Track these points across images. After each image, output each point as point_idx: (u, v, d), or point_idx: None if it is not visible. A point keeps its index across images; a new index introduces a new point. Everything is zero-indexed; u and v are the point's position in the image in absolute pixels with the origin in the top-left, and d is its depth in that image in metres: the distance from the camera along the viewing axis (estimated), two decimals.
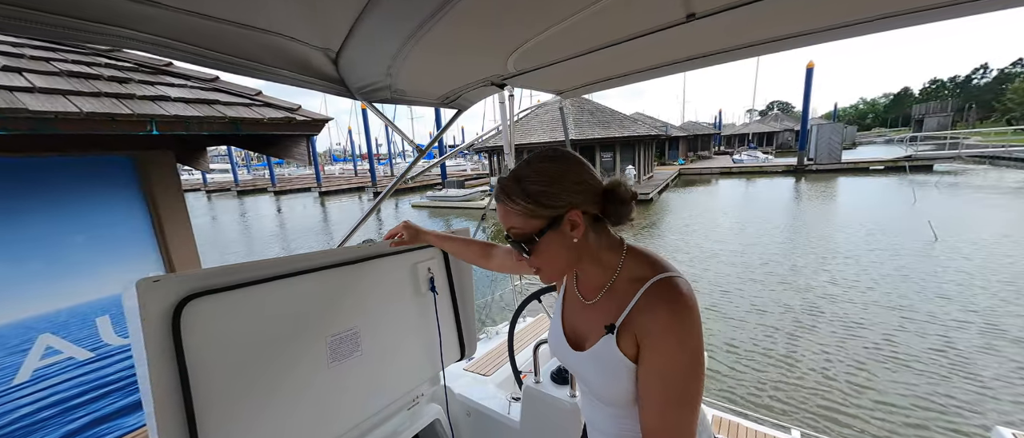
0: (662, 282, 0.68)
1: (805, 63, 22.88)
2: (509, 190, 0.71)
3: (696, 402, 0.64)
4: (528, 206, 0.69)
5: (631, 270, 0.73)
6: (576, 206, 0.70)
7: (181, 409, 0.70)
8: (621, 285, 0.73)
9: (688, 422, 0.64)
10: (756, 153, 30.56)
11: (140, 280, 0.63)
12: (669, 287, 0.67)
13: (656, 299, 0.67)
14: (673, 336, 0.64)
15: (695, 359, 0.64)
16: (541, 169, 0.71)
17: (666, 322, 0.64)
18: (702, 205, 15.11)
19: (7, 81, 1.40)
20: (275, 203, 24.33)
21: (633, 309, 0.69)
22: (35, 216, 1.74)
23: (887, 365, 4.22)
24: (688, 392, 0.64)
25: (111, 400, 1.98)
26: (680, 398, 0.64)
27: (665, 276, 0.68)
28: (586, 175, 0.72)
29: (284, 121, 2.09)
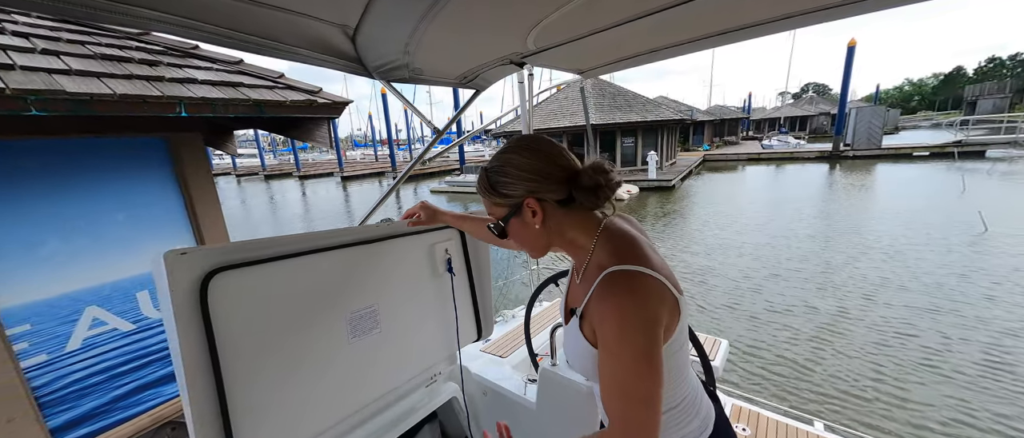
0: (614, 275, 0.68)
1: (846, 41, 21.36)
2: (480, 181, 0.79)
3: (648, 398, 0.62)
4: (491, 196, 0.77)
5: (598, 256, 0.74)
6: (534, 194, 0.73)
7: (211, 379, 0.73)
8: (591, 270, 0.75)
9: (638, 417, 0.62)
10: (788, 138, 29.04)
11: (168, 252, 0.66)
12: (618, 281, 0.67)
13: (605, 291, 0.67)
14: (615, 331, 0.64)
15: (638, 357, 0.62)
16: (506, 160, 0.75)
17: (610, 316, 0.65)
18: (725, 193, 14.57)
19: (46, 63, 1.47)
20: (300, 187, 25.11)
21: (591, 297, 0.71)
22: (80, 195, 1.84)
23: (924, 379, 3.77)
24: (635, 388, 0.63)
25: (153, 369, 2.12)
26: (626, 392, 0.63)
27: (618, 269, 0.68)
28: (549, 163, 0.73)
29: (306, 103, 2.12)
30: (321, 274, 0.95)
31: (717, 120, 35.24)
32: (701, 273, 6.87)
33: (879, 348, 4.33)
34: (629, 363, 0.63)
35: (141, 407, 2.08)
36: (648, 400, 0.62)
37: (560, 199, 0.73)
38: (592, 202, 0.72)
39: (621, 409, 0.63)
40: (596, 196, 0.71)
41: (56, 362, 1.82)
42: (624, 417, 0.63)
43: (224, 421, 0.75)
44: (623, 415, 0.63)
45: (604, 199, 0.73)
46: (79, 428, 1.89)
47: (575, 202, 0.73)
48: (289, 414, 0.86)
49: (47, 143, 1.73)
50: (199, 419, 0.71)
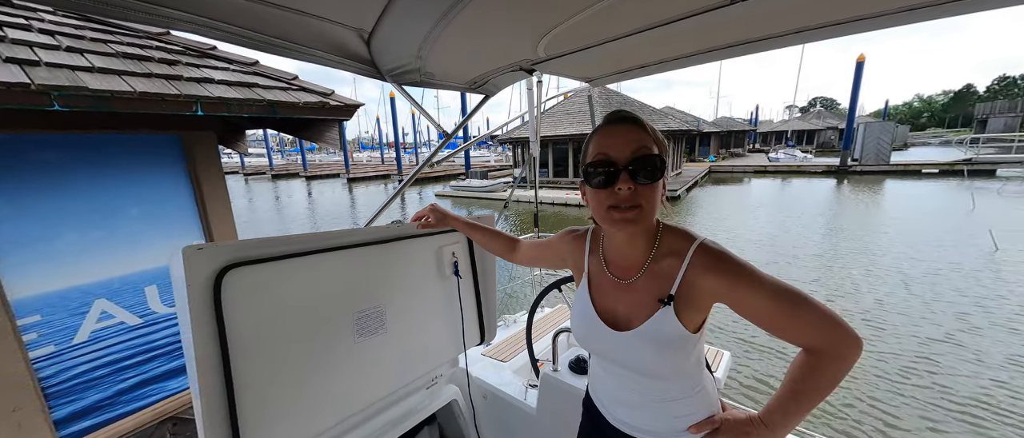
0: (702, 248, 0.74)
1: (855, 56, 21.33)
2: (641, 119, 0.76)
3: (797, 290, 0.69)
4: (656, 136, 0.75)
5: (668, 245, 0.78)
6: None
7: (220, 371, 0.74)
8: (663, 261, 0.77)
9: (811, 305, 0.67)
10: (795, 151, 28.88)
11: (186, 247, 0.67)
12: (710, 251, 0.74)
13: (715, 256, 0.73)
14: (752, 275, 0.70)
15: (768, 277, 0.70)
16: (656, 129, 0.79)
17: (738, 269, 0.71)
18: (729, 206, 14.50)
19: (70, 61, 1.51)
20: (306, 187, 25.32)
21: (685, 279, 0.74)
22: (96, 190, 1.88)
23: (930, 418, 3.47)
24: (788, 292, 0.68)
25: (157, 364, 2.14)
26: (792, 298, 0.68)
27: (702, 241, 0.75)
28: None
29: (318, 105, 2.15)
30: (331, 273, 0.96)
31: (724, 132, 35.21)
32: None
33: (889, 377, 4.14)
34: (772, 280, 0.69)
35: (144, 402, 2.09)
36: (803, 293, 0.68)
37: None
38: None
39: (803, 310, 0.67)
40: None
41: (63, 354, 1.84)
42: (811, 311, 0.67)
43: (231, 414, 0.76)
44: (815, 311, 0.67)
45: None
46: (82, 420, 1.91)
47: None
48: (295, 410, 0.86)
49: (65, 138, 1.78)
50: (208, 411, 0.72)
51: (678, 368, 0.79)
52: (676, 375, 0.80)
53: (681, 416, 0.82)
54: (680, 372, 0.80)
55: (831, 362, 0.68)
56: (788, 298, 0.68)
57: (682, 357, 0.77)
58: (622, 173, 0.71)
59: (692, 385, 0.82)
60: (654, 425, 0.84)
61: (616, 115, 0.77)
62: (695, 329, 0.76)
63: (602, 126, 0.77)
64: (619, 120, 0.76)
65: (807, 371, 0.70)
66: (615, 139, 0.74)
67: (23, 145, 1.68)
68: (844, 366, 0.68)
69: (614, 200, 0.73)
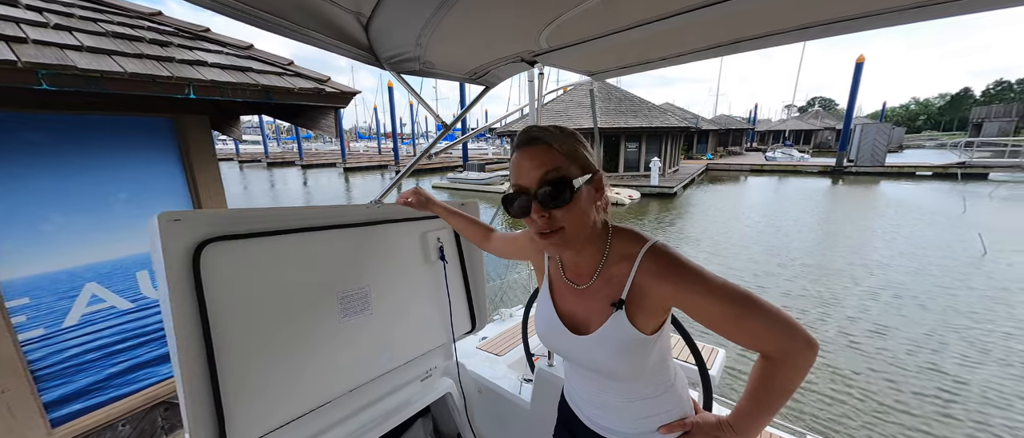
0: (650, 252, 0.73)
1: (855, 57, 21.35)
2: (551, 133, 0.70)
3: (749, 294, 0.66)
4: (579, 149, 0.71)
5: (619, 249, 0.77)
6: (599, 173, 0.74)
7: (202, 351, 0.73)
8: (614, 266, 0.76)
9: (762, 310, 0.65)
10: (792, 151, 29.02)
11: (161, 214, 0.64)
12: (667, 250, 0.73)
13: (663, 260, 0.72)
14: (701, 279, 0.68)
15: (718, 281, 0.67)
16: (568, 131, 0.73)
17: (687, 273, 0.69)
18: (724, 204, 14.57)
19: (58, 39, 1.47)
20: (302, 176, 25.10)
21: (635, 282, 0.73)
22: (87, 171, 1.84)
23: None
24: (738, 296, 0.66)
25: (148, 349, 2.12)
26: (742, 302, 0.66)
27: (650, 246, 0.74)
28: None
29: (314, 92, 2.12)
30: (314, 252, 0.94)
31: (722, 130, 35.24)
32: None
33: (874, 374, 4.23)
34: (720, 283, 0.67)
35: (135, 386, 2.08)
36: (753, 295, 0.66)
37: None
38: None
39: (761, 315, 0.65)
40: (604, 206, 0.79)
41: (53, 337, 1.82)
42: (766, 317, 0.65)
43: (214, 393, 0.74)
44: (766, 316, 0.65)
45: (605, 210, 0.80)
46: (73, 403, 1.90)
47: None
48: (280, 390, 0.86)
49: (55, 118, 1.74)
50: (190, 391, 0.71)
51: (639, 370, 0.79)
52: (638, 376, 0.80)
53: (649, 416, 0.82)
54: (642, 373, 0.80)
55: (785, 367, 0.66)
56: (738, 303, 0.66)
57: (641, 359, 0.77)
58: (532, 203, 0.68)
59: (658, 385, 0.82)
60: (623, 425, 0.85)
61: (526, 135, 0.71)
62: (652, 331, 0.75)
63: (514, 149, 0.73)
64: (528, 141, 0.70)
65: (763, 376, 0.69)
66: (524, 164, 0.69)
67: (11, 124, 1.64)
68: (798, 371, 0.66)
69: (535, 227, 0.71)
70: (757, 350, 0.69)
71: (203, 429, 0.73)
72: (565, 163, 0.68)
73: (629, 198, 13.92)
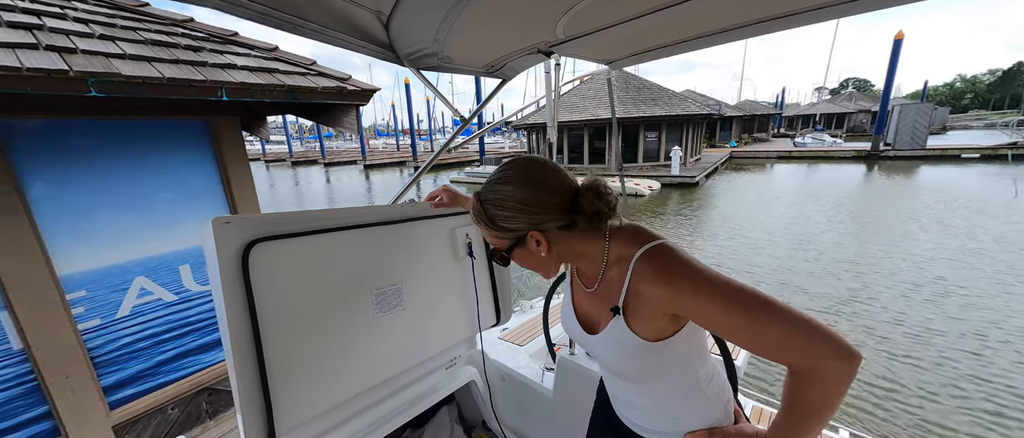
0: (650, 252, 0.68)
1: (893, 33, 20.00)
2: (477, 212, 0.75)
3: (762, 297, 0.59)
4: (491, 230, 0.73)
5: (617, 251, 0.73)
6: (537, 226, 0.71)
7: (251, 342, 0.79)
8: (612, 270, 0.75)
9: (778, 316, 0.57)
10: (823, 136, 27.53)
11: (214, 218, 0.70)
12: (659, 253, 0.68)
13: (653, 265, 0.67)
14: (696, 283, 0.62)
15: (719, 284, 0.61)
16: (504, 193, 0.72)
17: (681, 277, 0.64)
18: (748, 193, 14.05)
19: (103, 48, 1.57)
20: (325, 174, 25.82)
21: (630, 289, 0.70)
22: (129, 173, 1.97)
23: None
24: (747, 300, 0.59)
25: (192, 338, 2.27)
26: (752, 309, 0.58)
27: (650, 246, 0.69)
28: (549, 194, 0.71)
29: (336, 90, 2.18)
30: (351, 250, 0.99)
31: (747, 116, 33.89)
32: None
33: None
34: (723, 292, 0.60)
35: (181, 373, 2.23)
36: (765, 298, 0.58)
37: (563, 224, 0.72)
38: (595, 225, 0.72)
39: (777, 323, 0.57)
40: (599, 219, 0.71)
41: (108, 327, 1.97)
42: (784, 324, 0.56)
43: (263, 381, 0.81)
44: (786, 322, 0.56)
45: (607, 219, 0.73)
46: (128, 388, 2.06)
47: (578, 225, 0.72)
48: (321, 380, 0.91)
49: (101, 123, 1.86)
50: (241, 378, 0.77)
51: (653, 373, 0.76)
52: (655, 378, 0.77)
53: (677, 418, 0.79)
54: (659, 376, 0.76)
55: (815, 382, 0.57)
56: (748, 308, 0.58)
57: (651, 364, 0.74)
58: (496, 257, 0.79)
59: (683, 388, 0.77)
60: (648, 422, 0.83)
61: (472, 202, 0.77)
62: (658, 337, 0.71)
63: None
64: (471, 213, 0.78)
65: (792, 393, 0.61)
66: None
67: (63, 130, 1.77)
68: (832, 386, 0.57)
69: None
70: (781, 362, 0.60)
71: (254, 414, 0.80)
72: (491, 236, 0.75)
73: (649, 189, 13.65)
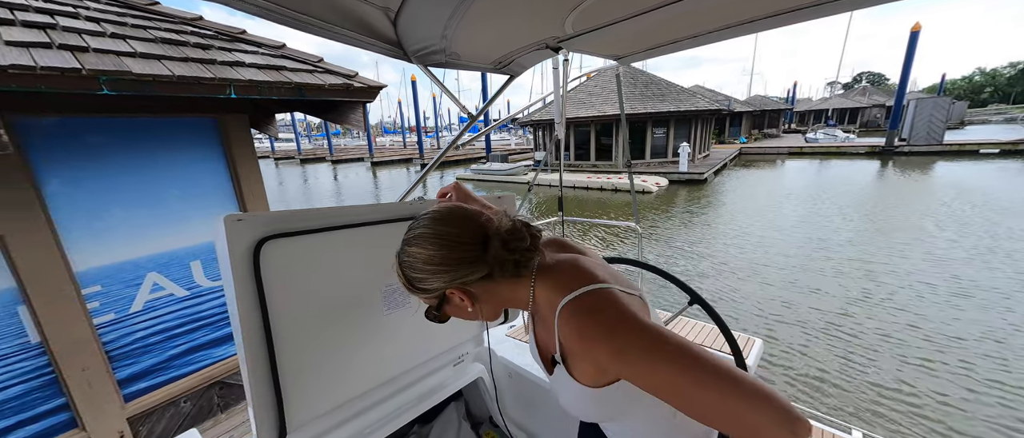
0: (570, 305, 0.61)
1: (909, 26, 19.50)
2: (398, 274, 0.70)
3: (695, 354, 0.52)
4: (413, 292, 0.69)
5: (545, 297, 0.66)
6: (453, 283, 0.65)
7: (263, 338, 0.79)
8: (543, 314, 0.69)
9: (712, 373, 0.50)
10: (835, 131, 27.00)
11: (226, 215, 0.71)
12: (580, 306, 0.60)
13: (573, 323, 0.60)
14: (617, 345, 0.55)
15: (646, 342, 0.54)
16: (412, 255, 0.67)
17: (598, 339, 0.57)
18: (758, 190, 13.87)
19: (115, 46, 1.58)
20: (332, 171, 26.04)
21: (560, 339, 0.65)
22: (140, 171, 2.00)
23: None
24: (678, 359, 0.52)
25: (204, 333, 2.30)
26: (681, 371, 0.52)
27: (571, 297, 0.61)
28: (459, 250, 0.64)
29: (342, 87, 2.18)
30: (360, 247, 0.99)
31: (757, 111, 33.38)
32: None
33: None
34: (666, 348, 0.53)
35: (193, 367, 2.27)
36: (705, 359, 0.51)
37: (484, 275, 0.65)
38: (513, 272, 0.65)
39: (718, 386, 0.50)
40: (516, 265, 0.65)
41: (123, 321, 2.01)
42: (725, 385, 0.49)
43: (274, 378, 0.81)
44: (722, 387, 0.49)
45: (528, 262, 0.66)
46: (141, 381, 2.10)
47: (496, 275, 0.66)
48: (330, 376, 0.92)
49: (113, 121, 1.89)
50: (253, 375, 0.77)
51: (612, 414, 0.69)
52: (614, 419, 0.71)
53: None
54: (618, 417, 0.70)
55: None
56: (677, 370, 0.51)
57: (605, 406, 0.67)
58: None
59: (649, 422, 0.70)
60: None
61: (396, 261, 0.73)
62: (605, 383, 0.64)
63: None
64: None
65: None
66: None
67: (77, 128, 1.80)
68: None
69: None
70: (718, 429, 0.53)
71: (265, 410, 0.81)
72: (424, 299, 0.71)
73: (656, 185, 13.54)
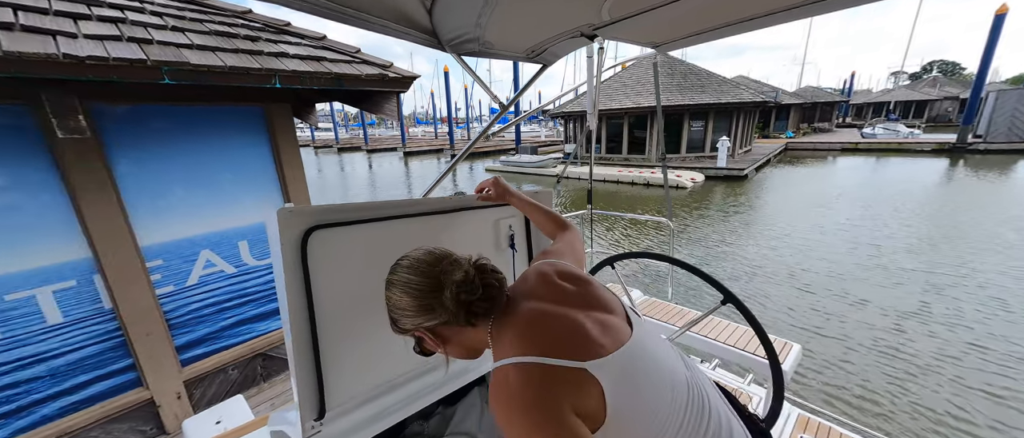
0: (494, 373, 0.61)
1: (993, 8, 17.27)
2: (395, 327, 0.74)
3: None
4: (394, 329, 0.73)
5: (499, 352, 0.65)
6: (421, 326, 0.68)
7: (307, 320, 0.85)
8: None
9: None
10: (897, 126, 24.56)
11: (281, 208, 0.77)
12: (497, 378, 0.60)
13: (491, 392, 0.60)
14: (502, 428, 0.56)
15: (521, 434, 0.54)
16: (388, 298, 0.71)
17: (500, 419, 0.57)
18: (803, 189, 12.95)
19: (175, 39, 1.70)
20: (367, 160, 26.98)
21: None
22: (197, 155, 2.16)
23: None
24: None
25: (249, 308, 2.48)
26: None
27: (498, 365, 0.61)
28: (423, 296, 0.66)
29: (378, 77, 2.24)
30: (399, 238, 1.03)
31: (807, 104, 31.08)
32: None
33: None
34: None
35: (240, 338, 2.46)
36: None
37: (444, 321, 0.67)
38: (467, 319, 0.66)
39: None
40: (471, 312, 0.66)
41: (180, 293, 2.20)
42: None
43: (316, 360, 0.87)
44: None
45: (483, 312, 0.67)
46: (196, 349, 2.30)
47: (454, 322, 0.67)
48: (366, 359, 0.97)
49: (173, 109, 2.04)
50: (298, 352, 0.84)
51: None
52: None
53: None
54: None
55: None
56: None
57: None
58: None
59: None
60: None
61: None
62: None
63: None
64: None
65: None
66: None
67: (143, 115, 1.96)
68: None
69: None
70: None
71: (308, 389, 0.87)
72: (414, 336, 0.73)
73: (692, 181, 13.00)
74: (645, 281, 5.97)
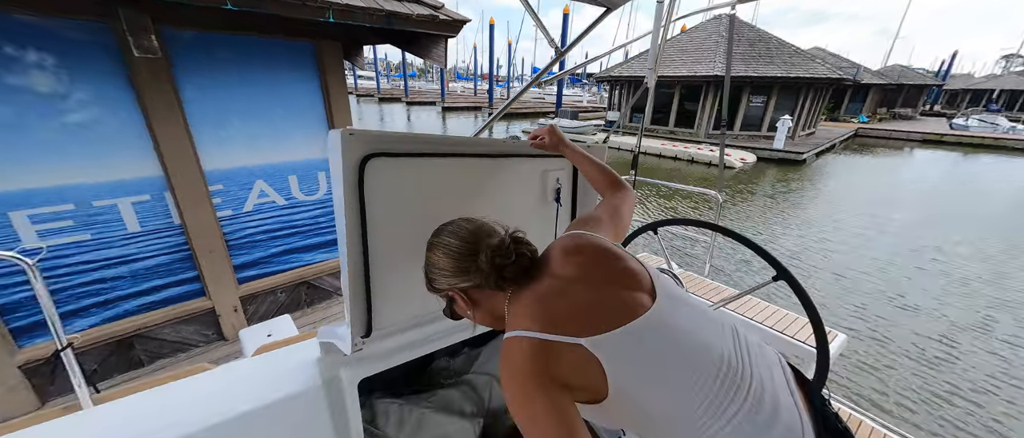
0: (501, 345, 0.67)
1: None
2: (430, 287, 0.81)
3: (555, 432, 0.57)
4: (429, 290, 0.81)
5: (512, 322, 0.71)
6: (454, 287, 0.75)
7: (360, 244, 0.88)
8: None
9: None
10: (997, 119, 21.06)
11: (342, 129, 0.78)
12: (502, 350, 0.66)
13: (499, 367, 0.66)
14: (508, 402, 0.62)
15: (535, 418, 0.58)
16: (428, 259, 0.78)
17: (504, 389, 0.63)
18: (867, 181, 11.69)
19: None
20: (406, 112, 27.19)
21: None
22: (255, 87, 2.23)
23: None
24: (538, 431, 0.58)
25: (296, 239, 2.65)
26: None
27: (505, 337, 0.67)
28: (460, 259, 0.73)
29: (429, 18, 2.17)
30: (450, 176, 1.03)
31: (891, 85, 27.39)
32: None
33: None
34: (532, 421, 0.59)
35: (288, 265, 2.66)
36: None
37: (475, 284, 0.73)
38: (496, 285, 0.72)
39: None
40: (502, 276, 0.71)
41: (238, 218, 2.38)
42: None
43: (366, 281, 0.92)
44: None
45: (512, 278, 0.72)
46: (250, 270, 2.51)
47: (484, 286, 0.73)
48: (409, 289, 1.00)
49: (233, 38, 2.09)
50: (353, 273, 0.88)
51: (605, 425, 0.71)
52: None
53: None
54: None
55: None
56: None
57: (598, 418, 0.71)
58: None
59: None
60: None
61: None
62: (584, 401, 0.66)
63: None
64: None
65: None
66: None
67: (208, 42, 2.03)
68: None
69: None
70: None
71: (359, 308, 0.93)
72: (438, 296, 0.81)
73: (741, 161, 12.11)
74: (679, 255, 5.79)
